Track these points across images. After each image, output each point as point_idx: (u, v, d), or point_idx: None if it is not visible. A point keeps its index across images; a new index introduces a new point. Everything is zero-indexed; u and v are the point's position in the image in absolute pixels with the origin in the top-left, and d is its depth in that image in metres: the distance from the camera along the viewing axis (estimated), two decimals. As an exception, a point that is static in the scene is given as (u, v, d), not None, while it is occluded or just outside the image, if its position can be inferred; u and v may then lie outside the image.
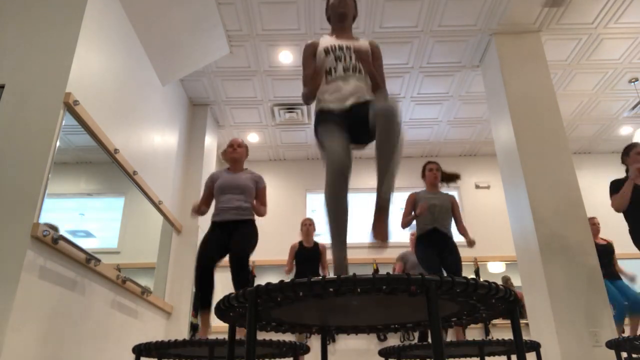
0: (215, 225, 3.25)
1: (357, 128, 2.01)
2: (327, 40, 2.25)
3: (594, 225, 4.74)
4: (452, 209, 3.83)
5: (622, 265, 4.81)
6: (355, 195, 7.21)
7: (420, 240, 3.72)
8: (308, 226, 4.94)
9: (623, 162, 3.75)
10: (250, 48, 5.11)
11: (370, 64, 2.14)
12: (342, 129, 1.97)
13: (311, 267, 4.75)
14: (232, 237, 3.16)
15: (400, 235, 5.18)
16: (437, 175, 3.93)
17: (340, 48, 2.18)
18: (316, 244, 4.91)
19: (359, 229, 6.85)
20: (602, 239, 4.78)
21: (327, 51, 2.19)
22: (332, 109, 2.06)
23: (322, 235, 5.16)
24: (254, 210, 3.32)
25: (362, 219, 6.94)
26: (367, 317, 1.71)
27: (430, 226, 3.70)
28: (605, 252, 4.54)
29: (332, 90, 2.11)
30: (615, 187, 3.60)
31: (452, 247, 3.65)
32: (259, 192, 3.41)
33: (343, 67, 2.14)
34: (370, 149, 1.99)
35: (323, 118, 2.06)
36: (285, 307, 1.46)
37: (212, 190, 3.38)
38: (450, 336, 3.77)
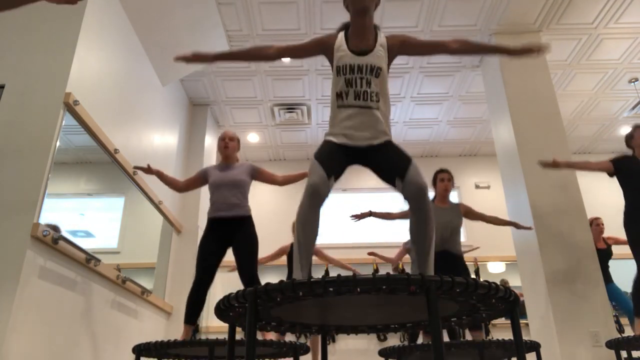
0: (212, 223, 3.20)
1: (371, 166, 1.94)
2: (343, 53, 1.98)
3: (597, 226, 4.66)
4: (471, 217, 3.68)
5: (621, 266, 4.77)
6: (356, 196, 7.21)
7: None
8: None
9: (628, 145, 3.62)
10: (250, 48, 5.10)
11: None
12: (336, 156, 1.89)
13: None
14: (235, 243, 3.13)
15: (402, 236, 5.17)
16: (449, 186, 3.64)
17: (352, 69, 1.93)
18: None
19: (359, 229, 6.86)
20: (604, 240, 4.70)
21: (338, 71, 1.95)
22: (336, 143, 1.92)
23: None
24: (277, 183, 3.34)
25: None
26: (367, 317, 1.71)
27: (439, 248, 3.36)
28: (604, 257, 4.46)
29: (340, 121, 1.94)
30: (615, 164, 3.53)
31: (462, 267, 3.49)
32: (261, 175, 3.34)
33: (354, 93, 1.92)
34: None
35: (320, 147, 1.94)
36: (285, 305, 1.46)
37: (200, 182, 3.35)
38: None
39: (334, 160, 1.87)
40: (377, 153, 1.91)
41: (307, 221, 1.75)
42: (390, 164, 1.87)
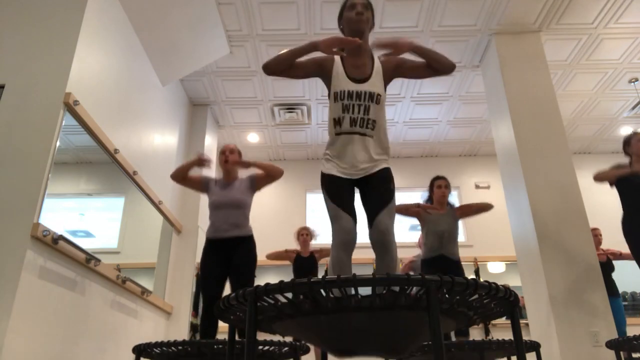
0: (211, 244, 3.15)
1: (362, 191, 1.99)
2: (341, 79, 2.00)
3: (596, 237, 4.55)
4: (469, 213, 3.74)
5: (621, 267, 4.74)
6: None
7: (424, 266, 3.57)
8: (305, 236, 4.83)
9: (625, 152, 3.66)
10: (250, 48, 5.10)
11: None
12: (348, 193, 1.93)
13: (308, 277, 4.68)
14: (233, 262, 3.08)
15: (402, 236, 5.13)
16: (446, 193, 3.68)
17: (350, 95, 1.96)
18: (312, 254, 4.81)
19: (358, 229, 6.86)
20: (603, 251, 4.60)
21: (336, 96, 1.98)
22: (340, 177, 1.95)
23: (318, 242, 5.10)
24: (271, 174, 3.21)
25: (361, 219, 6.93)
26: (369, 342, 1.69)
27: (436, 253, 3.54)
28: (606, 270, 4.34)
29: (337, 151, 1.98)
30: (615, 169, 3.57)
31: (458, 272, 3.51)
32: (260, 180, 3.26)
33: (350, 119, 1.95)
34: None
35: (328, 184, 1.96)
36: (286, 322, 1.45)
37: (197, 186, 3.30)
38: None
39: (350, 199, 1.92)
40: (369, 183, 1.96)
41: (344, 270, 1.81)
42: (369, 202, 1.93)
